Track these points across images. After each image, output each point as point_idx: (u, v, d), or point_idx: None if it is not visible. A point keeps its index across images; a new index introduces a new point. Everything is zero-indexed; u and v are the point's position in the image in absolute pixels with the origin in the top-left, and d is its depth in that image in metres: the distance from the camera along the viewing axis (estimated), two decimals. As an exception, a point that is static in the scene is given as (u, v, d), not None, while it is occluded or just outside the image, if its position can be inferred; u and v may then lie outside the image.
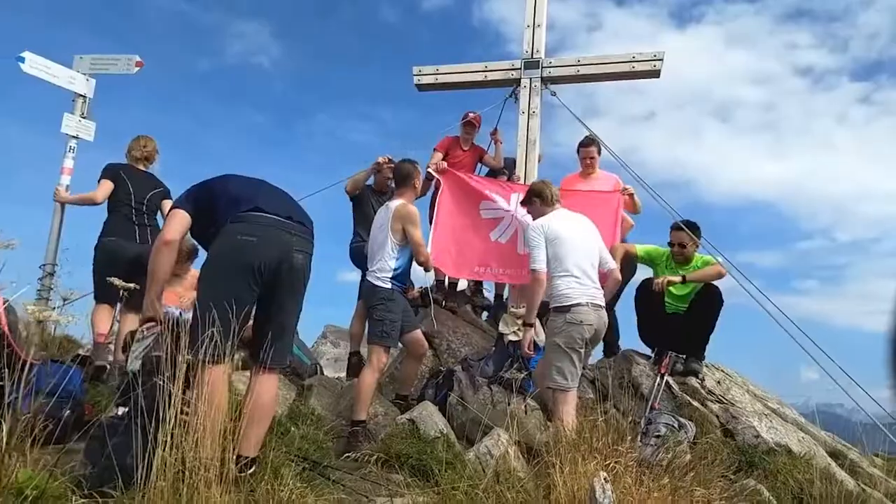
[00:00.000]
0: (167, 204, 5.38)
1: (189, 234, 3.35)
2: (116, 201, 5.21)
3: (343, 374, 6.45)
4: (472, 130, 7.09)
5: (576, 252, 4.45)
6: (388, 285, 4.75)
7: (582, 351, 4.37)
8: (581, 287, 4.38)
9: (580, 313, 4.28)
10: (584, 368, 4.85)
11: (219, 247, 3.07)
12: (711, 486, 2.93)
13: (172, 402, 2.39)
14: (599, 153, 6.20)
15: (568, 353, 4.25)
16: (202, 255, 3.49)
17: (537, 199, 4.78)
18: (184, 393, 2.57)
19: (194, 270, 5.09)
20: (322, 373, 6.40)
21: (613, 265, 4.88)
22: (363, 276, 5.47)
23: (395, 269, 4.77)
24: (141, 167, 5.47)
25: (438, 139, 7.11)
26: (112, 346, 5.09)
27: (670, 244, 5.51)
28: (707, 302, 5.23)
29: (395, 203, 4.92)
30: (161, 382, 2.45)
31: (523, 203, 5.08)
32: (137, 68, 5.92)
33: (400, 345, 5.23)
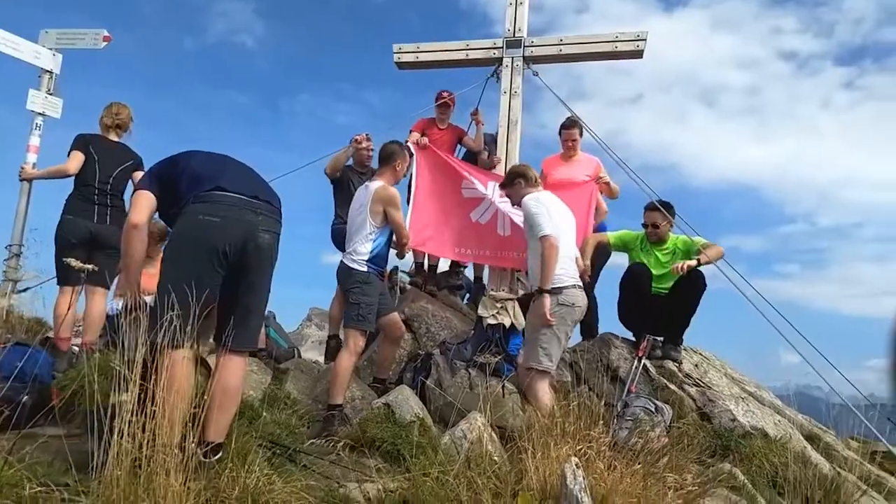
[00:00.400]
0: (139, 175, 5.24)
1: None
2: (80, 178, 5.03)
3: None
4: (447, 110, 7.00)
5: (566, 234, 4.43)
6: (365, 268, 4.67)
7: (570, 333, 4.37)
8: (570, 269, 4.38)
9: (572, 295, 4.26)
10: (563, 351, 4.83)
11: (180, 228, 2.98)
12: (685, 470, 2.91)
13: (129, 387, 2.30)
14: (581, 135, 6.13)
15: (557, 335, 4.23)
16: None
17: (521, 181, 4.69)
18: (144, 378, 2.49)
19: None
20: (300, 356, 6.34)
21: (578, 255, 4.87)
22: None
23: (371, 252, 4.69)
24: (113, 137, 5.27)
25: (414, 121, 7.03)
26: (82, 328, 4.99)
27: (644, 225, 5.52)
28: (690, 286, 5.20)
29: (375, 184, 4.82)
30: (117, 368, 2.37)
31: (503, 186, 5.00)
32: (105, 43, 5.73)
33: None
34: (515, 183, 4.72)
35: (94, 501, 2.12)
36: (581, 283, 4.48)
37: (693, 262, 5.17)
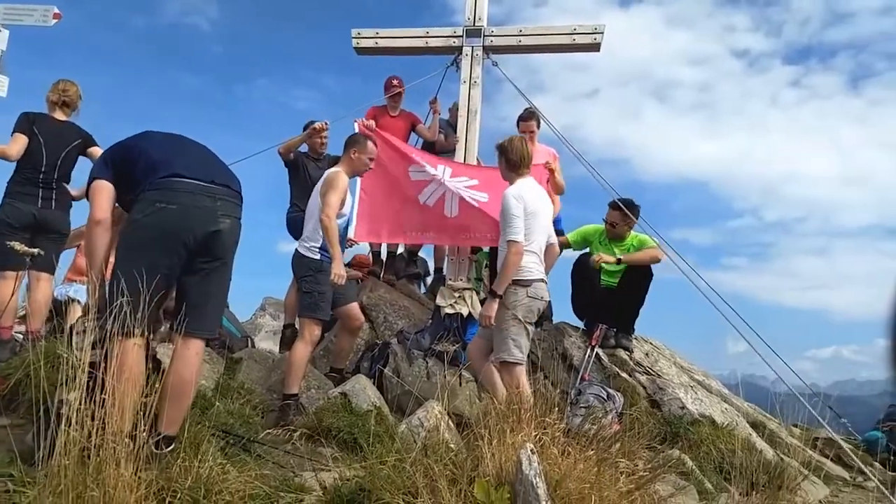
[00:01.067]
0: (96, 152, 5.03)
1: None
2: (24, 161, 4.79)
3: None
4: (398, 97, 6.97)
5: (540, 229, 4.38)
6: (317, 256, 4.62)
7: (533, 325, 4.39)
8: (539, 264, 4.36)
9: (540, 289, 4.28)
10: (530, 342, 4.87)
11: (136, 216, 2.90)
12: (636, 456, 2.99)
13: (76, 376, 2.23)
14: (539, 127, 6.19)
15: (526, 326, 4.23)
16: None
17: (502, 159, 4.45)
18: (94, 366, 2.43)
19: None
20: (253, 345, 6.25)
21: (555, 239, 4.86)
22: None
23: (321, 239, 4.62)
24: (59, 115, 5.03)
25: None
26: (28, 314, 4.82)
27: (604, 220, 5.62)
28: (637, 277, 5.35)
29: (329, 170, 4.82)
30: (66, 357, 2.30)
31: (496, 146, 4.64)
32: (55, 20, 5.49)
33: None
34: (500, 160, 4.50)
35: (40, 492, 2.06)
36: (545, 278, 4.48)
37: (612, 259, 5.39)
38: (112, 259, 3.01)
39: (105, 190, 3.03)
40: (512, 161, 4.40)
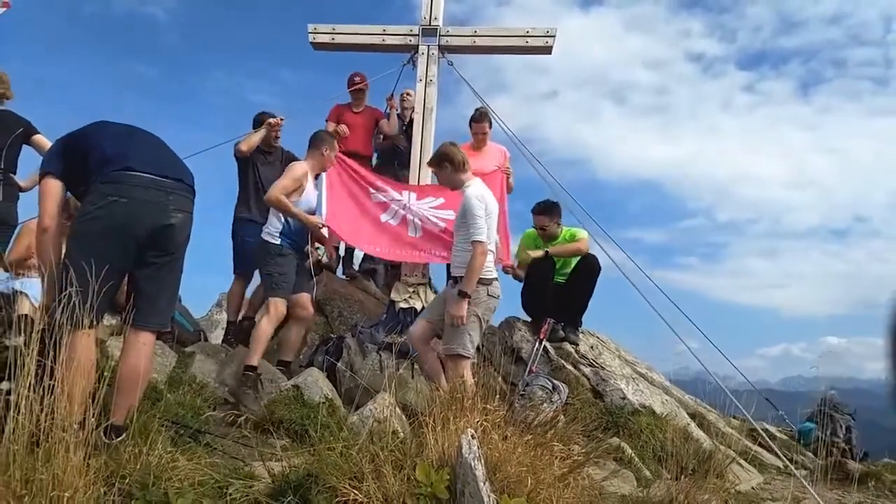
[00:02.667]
0: (39, 140, 5.01)
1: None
2: None
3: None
4: (361, 94, 7.09)
5: (494, 228, 4.50)
6: (278, 241, 4.92)
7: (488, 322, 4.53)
8: (494, 263, 4.49)
9: (497, 288, 4.41)
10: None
11: (88, 207, 2.92)
12: (572, 441, 3.16)
13: (25, 364, 2.27)
14: (491, 127, 6.33)
15: (481, 323, 4.35)
16: None
17: (448, 165, 4.53)
18: (42, 355, 2.46)
19: None
20: (206, 340, 6.25)
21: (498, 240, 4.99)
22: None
23: (283, 225, 4.95)
24: None
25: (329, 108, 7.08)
26: None
27: (534, 227, 5.90)
28: (585, 273, 5.56)
29: (294, 162, 5.13)
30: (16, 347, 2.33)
31: (431, 164, 4.81)
32: (3, 9, 5.37)
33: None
34: (443, 166, 4.56)
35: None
36: (497, 276, 4.58)
37: (540, 253, 5.65)
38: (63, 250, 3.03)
39: (54, 192, 3.04)
40: (457, 161, 4.49)
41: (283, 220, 4.97)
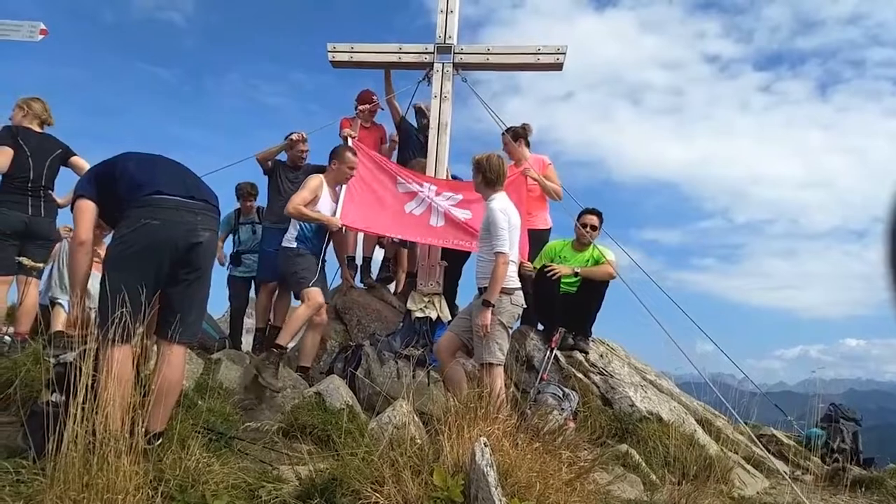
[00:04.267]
0: (76, 161, 5.32)
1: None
2: (13, 170, 4.99)
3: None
4: (365, 110, 7.25)
5: (517, 241, 4.67)
6: (295, 245, 5.36)
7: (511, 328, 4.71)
8: (516, 273, 4.65)
9: (520, 296, 4.58)
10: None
11: (123, 231, 3.15)
12: (580, 448, 3.35)
13: (81, 378, 2.51)
14: (525, 144, 6.59)
15: (507, 331, 4.52)
16: None
17: (479, 175, 4.68)
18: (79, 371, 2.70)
19: None
20: (230, 347, 6.50)
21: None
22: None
23: (298, 231, 5.39)
24: (35, 127, 5.25)
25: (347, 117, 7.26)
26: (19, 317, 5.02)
27: (584, 225, 6.06)
28: (595, 284, 5.73)
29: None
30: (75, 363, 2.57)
31: (473, 160, 4.85)
32: (42, 36, 5.66)
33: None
34: (476, 176, 4.72)
35: (52, 480, 2.34)
36: (520, 285, 4.73)
37: (568, 270, 5.79)
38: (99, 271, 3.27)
39: (88, 210, 3.26)
40: (489, 179, 4.67)
41: (298, 227, 5.38)
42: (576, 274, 5.79)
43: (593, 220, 6.07)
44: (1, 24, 5.67)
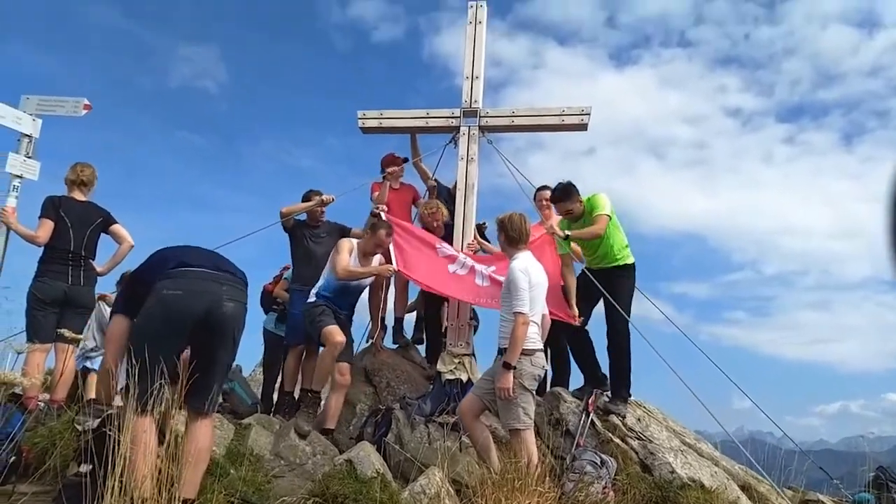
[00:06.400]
0: (116, 229, 5.51)
1: None
2: (54, 240, 5.18)
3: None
4: (395, 172, 7.29)
5: (540, 301, 4.62)
6: (314, 299, 5.63)
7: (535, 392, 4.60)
8: (538, 334, 4.59)
9: (541, 358, 4.52)
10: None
11: (148, 303, 3.22)
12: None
13: (118, 450, 2.52)
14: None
15: (530, 393, 4.43)
16: None
17: (502, 234, 4.76)
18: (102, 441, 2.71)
19: None
20: (261, 411, 6.46)
21: (546, 310, 5.06)
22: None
23: (319, 286, 5.68)
24: (78, 195, 5.45)
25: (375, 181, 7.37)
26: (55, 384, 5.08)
27: (559, 214, 5.97)
28: (614, 343, 5.60)
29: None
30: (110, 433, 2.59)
31: (496, 221, 4.95)
32: (85, 111, 5.95)
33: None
34: (500, 235, 4.79)
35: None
36: (542, 347, 4.69)
37: (561, 233, 5.66)
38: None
39: (118, 336, 3.38)
40: (512, 237, 4.71)
41: (323, 282, 5.65)
42: (566, 237, 5.63)
43: (562, 207, 5.81)
44: (48, 100, 5.98)
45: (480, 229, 6.69)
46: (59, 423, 4.18)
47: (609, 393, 5.76)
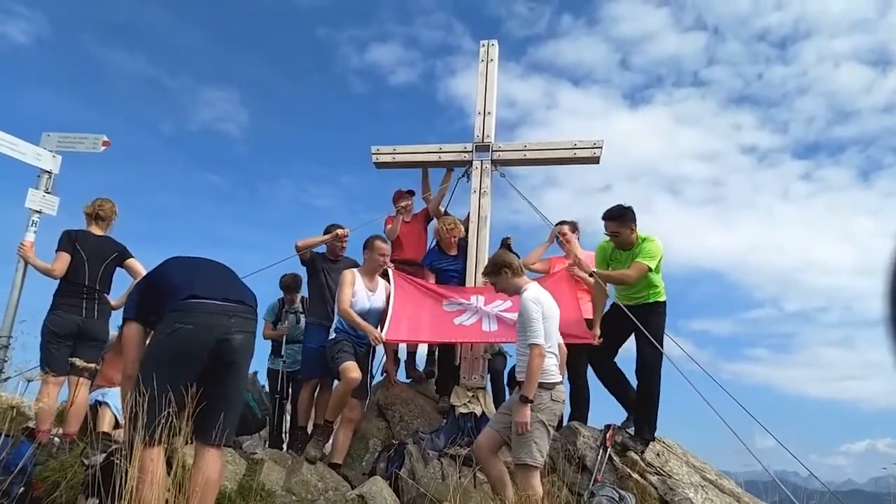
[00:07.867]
0: (131, 264, 5.55)
1: None
2: (69, 274, 5.24)
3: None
4: (408, 206, 7.33)
5: (555, 333, 4.54)
6: (334, 335, 5.63)
7: (553, 428, 4.49)
8: (557, 366, 4.49)
9: (561, 392, 4.43)
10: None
11: (158, 336, 3.27)
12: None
13: (126, 482, 2.50)
14: (575, 232, 6.57)
15: (548, 430, 4.32)
16: None
17: (507, 271, 4.67)
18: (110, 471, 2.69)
19: None
20: (269, 445, 6.45)
21: (561, 340, 4.88)
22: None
23: (337, 320, 5.69)
24: (96, 229, 5.50)
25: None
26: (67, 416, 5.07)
27: (606, 235, 5.72)
28: (641, 366, 5.49)
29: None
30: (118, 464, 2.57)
31: (487, 274, 4.95)
32: (104, 147, 6.06)
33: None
34: (502, 273, 4.69)
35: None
36: (561, 379, 4.56)
37: (586, 272, 5.64)
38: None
39: (135, 340, 3.43)
40: (515, 266, 4.69)
41: (337, 318, 5.68)
42: (591, 275, 5.55)
43: (610, 226, 5.58)
44: (67, 136, 6.10)
45: (506, 244, 6.57)
46: (70, 457, 4.16)
47: (631, 429, 5.62)
